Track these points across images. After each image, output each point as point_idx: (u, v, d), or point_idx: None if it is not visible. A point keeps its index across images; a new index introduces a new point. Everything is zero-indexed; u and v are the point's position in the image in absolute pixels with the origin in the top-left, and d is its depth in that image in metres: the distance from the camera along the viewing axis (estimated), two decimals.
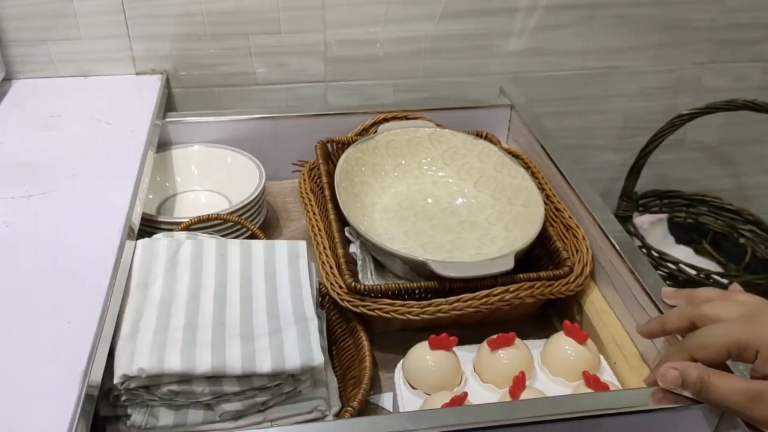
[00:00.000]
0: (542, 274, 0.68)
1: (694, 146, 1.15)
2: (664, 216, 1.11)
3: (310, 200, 0.78)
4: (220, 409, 0.55)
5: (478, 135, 0.89)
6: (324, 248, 0.70)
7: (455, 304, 0.64)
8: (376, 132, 0.89)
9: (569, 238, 0.73)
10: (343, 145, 0.87)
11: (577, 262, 0.70)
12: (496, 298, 0.65)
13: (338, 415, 0.60)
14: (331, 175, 0.82)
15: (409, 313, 0.64)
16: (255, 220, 0.82)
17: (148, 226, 0.76)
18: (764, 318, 0.49)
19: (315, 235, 0.73)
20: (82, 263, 0.58)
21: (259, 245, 0.68)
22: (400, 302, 0.64)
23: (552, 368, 0.62)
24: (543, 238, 0.75)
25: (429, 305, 0.64)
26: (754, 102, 0.93)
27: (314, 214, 0.76)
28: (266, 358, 0.56)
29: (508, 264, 0.66)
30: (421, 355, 0.61)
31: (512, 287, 0.66)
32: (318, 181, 0.82)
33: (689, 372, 0.50)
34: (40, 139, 0.78)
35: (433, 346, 0.60)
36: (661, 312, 0.60)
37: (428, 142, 0.86)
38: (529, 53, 1.02)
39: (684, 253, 1.06)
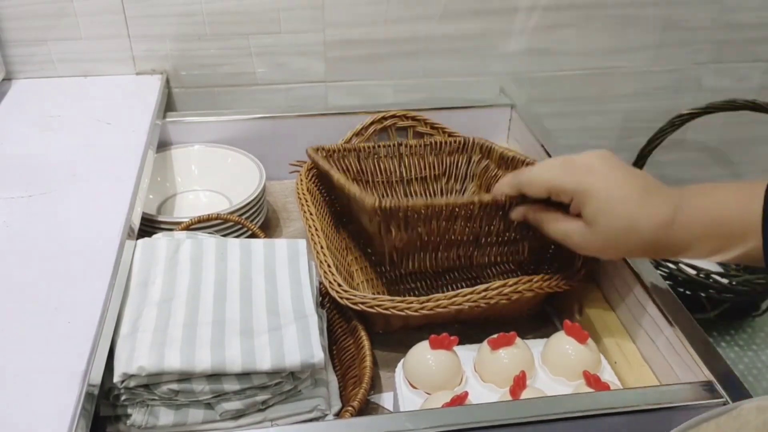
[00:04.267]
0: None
1: (695, 146, 1.15)
2: None
3: (307, 200, 0.78)
4: (221, 408, 0.55)
5: (466, 141, 0.89)
6: (322, 248, 0.70)
7: (454, 299, 0.64)
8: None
9: None
10: (333, 152, 0.87)
11: (577, 257, 0.70)
12: (495, 291, 0.65)
13: (338, 415, 0.60)
14: (322, 177, 0.82)
15: (408, 309, 0.64)
16: (255, 220, 0.82)
17: (148, 226, 0.76)
18: (579, 165, 0.57)
19: (312, 234, 0.73)
20: (82, 263, 0.58)
21: (259, 244, 0.68)
22: (399, 298, 0.64)
23: (552, 368, 0.62)
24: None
25: (428, 300, 0.64)
26: (754, 102, 0.93)
27: (311, 214, 0.76)
28: (266, 354, 0.56)
29: None
30: (422, 354, 0.61)
31: (511, 281, 0.66)
32: (316, 181, 0.82)
33: (517, 210, 0.64)
34: (40, 139, 0.78)
35: (434, 346, 0.60)
36: (662, 312, 0.60)
37: None
38: (529, 53, 1.02)
39: None
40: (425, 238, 0.68)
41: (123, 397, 0.55)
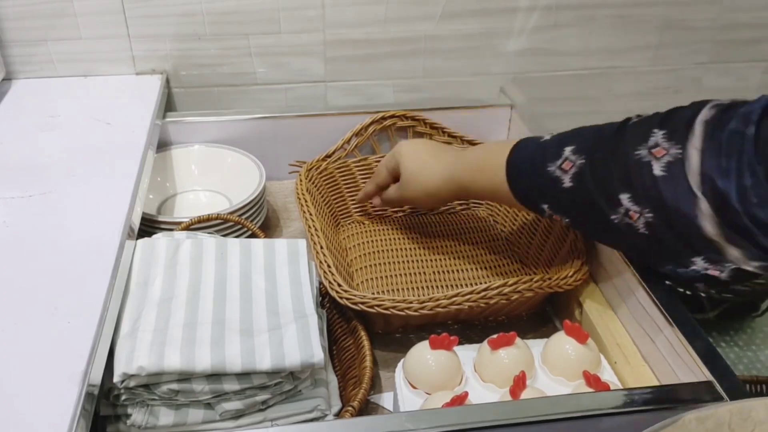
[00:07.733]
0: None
1: None
2: None
3: (306, 201, 0.78)
4: (221, 408, 0.55)
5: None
6: (321, 248, 0.70)
7: (454, 299, 0.64)
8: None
9: (569, 233, 0.73)
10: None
11: (576, 257, 0.70)
12: (495, 291, 0.65)
13: (338, 415, 0.60)
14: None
15: (408, 309, 0.64)
16: (255, 220, 0.82)
17: (148, 226, 0.76)
18: (394, 149, 0.80)
19: (312, 234, 0.73)
20: (82, 263, 0.58)
21: (258, 244, 0.68)
22: (399, 298, 0.64)
23: (552, 368, 0.62)
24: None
25: (428, 300, 0.64)
26: None
27: (311, 214, 0.76)
28: (266, 354, 0.56)
29: None
30: (422, 354, 0.61)
31: (511, 281, 0.66)
32: (315, 181, 0.82)
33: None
34: (39, 139, 0.78)
35: (434, 346, 0.60)
36: (662, 312, 0.60)
37: None
38: (529, 53, 1.02)
39: None
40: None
41: (123, 397, 0.55)
